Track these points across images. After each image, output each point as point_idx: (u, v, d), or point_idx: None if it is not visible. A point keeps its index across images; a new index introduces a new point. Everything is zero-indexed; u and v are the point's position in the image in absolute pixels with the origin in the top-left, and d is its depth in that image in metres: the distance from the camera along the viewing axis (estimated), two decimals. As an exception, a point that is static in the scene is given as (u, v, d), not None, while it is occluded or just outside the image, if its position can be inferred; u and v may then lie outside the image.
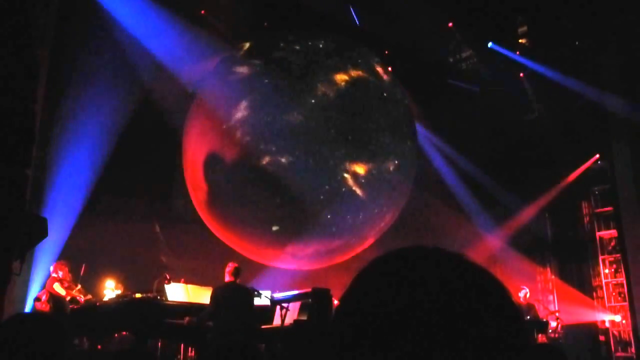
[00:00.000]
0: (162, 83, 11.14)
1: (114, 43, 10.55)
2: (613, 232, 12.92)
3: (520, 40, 13.19)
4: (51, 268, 9.20)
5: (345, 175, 10.03)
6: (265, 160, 9.75)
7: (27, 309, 10.08)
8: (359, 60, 10.60)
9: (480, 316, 0.67)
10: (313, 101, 9.82)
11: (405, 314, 0.66)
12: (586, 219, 13.79)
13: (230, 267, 7.59)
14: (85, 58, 10.52)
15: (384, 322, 0.67)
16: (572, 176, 13.44)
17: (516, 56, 12.70)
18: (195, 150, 10.44)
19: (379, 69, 10.91)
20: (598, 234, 13.42)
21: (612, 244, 13.13)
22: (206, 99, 10.48)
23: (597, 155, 13.15)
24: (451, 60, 13.97)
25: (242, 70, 10.19)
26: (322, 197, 10.05)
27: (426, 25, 12.31)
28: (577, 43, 12.49)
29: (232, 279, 7.55)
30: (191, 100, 10.93)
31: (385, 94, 10.57)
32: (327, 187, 9.93)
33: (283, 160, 9.74)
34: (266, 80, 9.92)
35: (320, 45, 10.42)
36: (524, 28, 13.25)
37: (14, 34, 5.35)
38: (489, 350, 0.65)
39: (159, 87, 11.21)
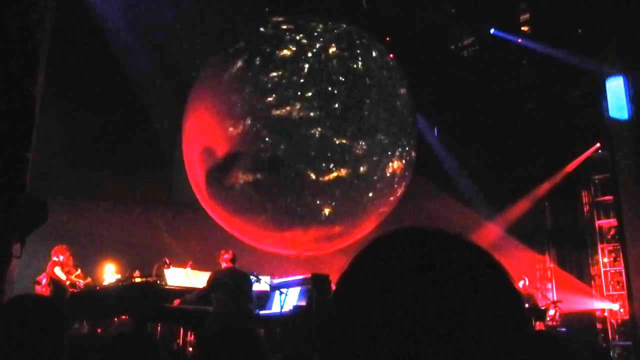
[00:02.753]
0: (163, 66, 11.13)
1: (117, 24, 10.54)
2: (612, 221, 12.92)
3: (522, 28, 13.11)
4: (52, 252, 9.22)
5: (345, 160, 10.02)
6: (263, 146, 9.74)
7: (27, 292, 10.11)
8: (360, 50, 10.54)
9: (479, 296, 0.66)
10: (312, 91, 9.80)
11: (403, 295, 0.65)
12: (586, 208, 13.79)
13: (227, 255, 7.60)
14: (86, 39, 10.49)
15: (381, 305, 0.66)
16: (573, 165, 13.42)
17: (518, 39, 12.61)
18: (195, 136, 10.42)
19: (380, 59, 10.85)
20: (597, 222, 13.41)
21: (612, 232, 13.13)
22: (205, 85, 10.45)
23: (598, 144, 13.13)
24: (452, 47, 13.90)
25: (240, 60, 10.14)
26: (321, 183, 10.05)
27: (429, 11, 12.27)
28: (579, 30, 12.43)
29: (230, 265, 7.58)
30: (192, 84, 10.89)
31: (385, 84, 10.53)
32: (326, 173, 9.93)
33: (281, 146, 9.73)
34: (263, 68, 9.89)
35: (319, 32, 10.36)
36: (526, 15, 13.17)
37: (14, 17, 5.32)
38: (488, 330, 0.65)
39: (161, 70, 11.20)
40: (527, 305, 10.69)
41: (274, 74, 9.79)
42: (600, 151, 13.21)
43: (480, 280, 0.68)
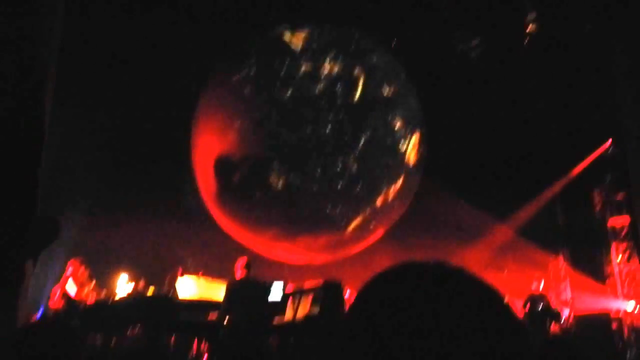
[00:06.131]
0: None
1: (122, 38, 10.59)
2: (626, 219, 12.82)
3: (529, 28, 13.04)
4: (67, 265, 9.29)
5: (354, 168, 10.02)
6: (274, 155, 9.77)
7: (42, 306, 10.21)
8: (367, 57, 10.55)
9: (482, 330, 0.68)
10: (321, 101, 9.83)
11: (407, 328, 0.67)
12: (598, 206, 13.67)
13: (240, 262, 7.64)
14: (94, 53, 10.56)
15: (387, 336, 0.68)
16: (585, 163, 13.32)
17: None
18: (205, 146, 10.47)
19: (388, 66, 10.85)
20: (610, 220, 13.31)
21: (625, 231, 13.02)
22: (215, 96, 10.49)
23: (610, 141, 13.02)
24: (460, 48, 13.84)
25: (249, 68, 10.17)
26: (333, 189, 10.06)
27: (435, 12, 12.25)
28: (588, 27, 12.36)
29: (244, 273, 7.60)
30: (200, 95, 10.92)
31: (395, 88, 10.53)
32: (339, 181, 9.95)
33: (291, 157, 9.76)
34: (272, 78, 9.93)
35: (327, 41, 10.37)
36: (533, 14, 13.11)
37: (23, 37, 5.38)
38: None
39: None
40: (540, 307, 10.63)
41: (280, 82, 9.84)
42: (611, 148, 13.11)
43: (481, 314, 0.70)
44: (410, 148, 10.63)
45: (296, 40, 10.29)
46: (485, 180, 13.24)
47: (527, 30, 12.71)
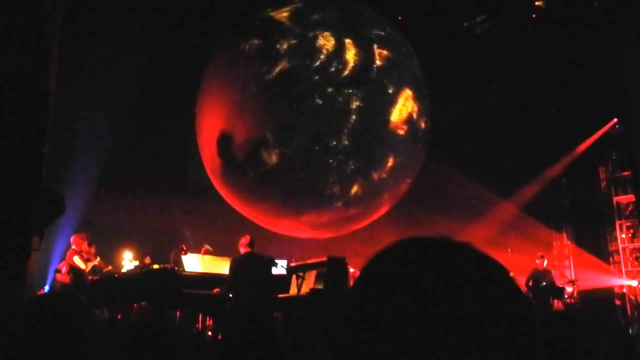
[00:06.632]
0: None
1: (126, 13, 10.54)
2: (630, 197, 12.80)
3: (537, 3, 12.90)
4: (71, 240, 9.36)
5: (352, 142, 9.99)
6: (277, 132, 9.76)
7: (49, 280, 10.31)
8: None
9: (487, 303, 0.68)
10: (319, 77, 9.78)
11: (413, 301, 0.67)
12: (603, 184, 13.64)
13: (244, 240, 7.70)
14: (97, 29, 10.50)
15: (393, 310, 0.68)
16: (590, 141, 13.25)
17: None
18: (209, 122, 10.45)
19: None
20: (615, 198, 13.28)
21: (630, 208, 13.01)
22: (218, 70, 10.45)
23: (615, 120, 12.95)
24: (465, 24, 13.70)
25: (253, 42, 10.10)
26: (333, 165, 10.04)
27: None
28: (595, 4, 12.21)
29: (248, 250, 7.66)
30: (204, 69, 10.88)
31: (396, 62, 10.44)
32: (337, 156, 9.93)
33: (294, 132, 9.74)
34: (275, 53, 9.87)
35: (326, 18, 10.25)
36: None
37: (26, 10, 5.34)
38: (498, 339, 0.66)
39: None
40: (544, 283, 10.69)
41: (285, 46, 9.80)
42: (617, 126, 13.04)
43: (488, 290, 0.70)
44: (412, 122, 10.54)
45: (289, 15, 10.19)
46: (490, 156, 13.21)
47: (535, 4, 12.55)
